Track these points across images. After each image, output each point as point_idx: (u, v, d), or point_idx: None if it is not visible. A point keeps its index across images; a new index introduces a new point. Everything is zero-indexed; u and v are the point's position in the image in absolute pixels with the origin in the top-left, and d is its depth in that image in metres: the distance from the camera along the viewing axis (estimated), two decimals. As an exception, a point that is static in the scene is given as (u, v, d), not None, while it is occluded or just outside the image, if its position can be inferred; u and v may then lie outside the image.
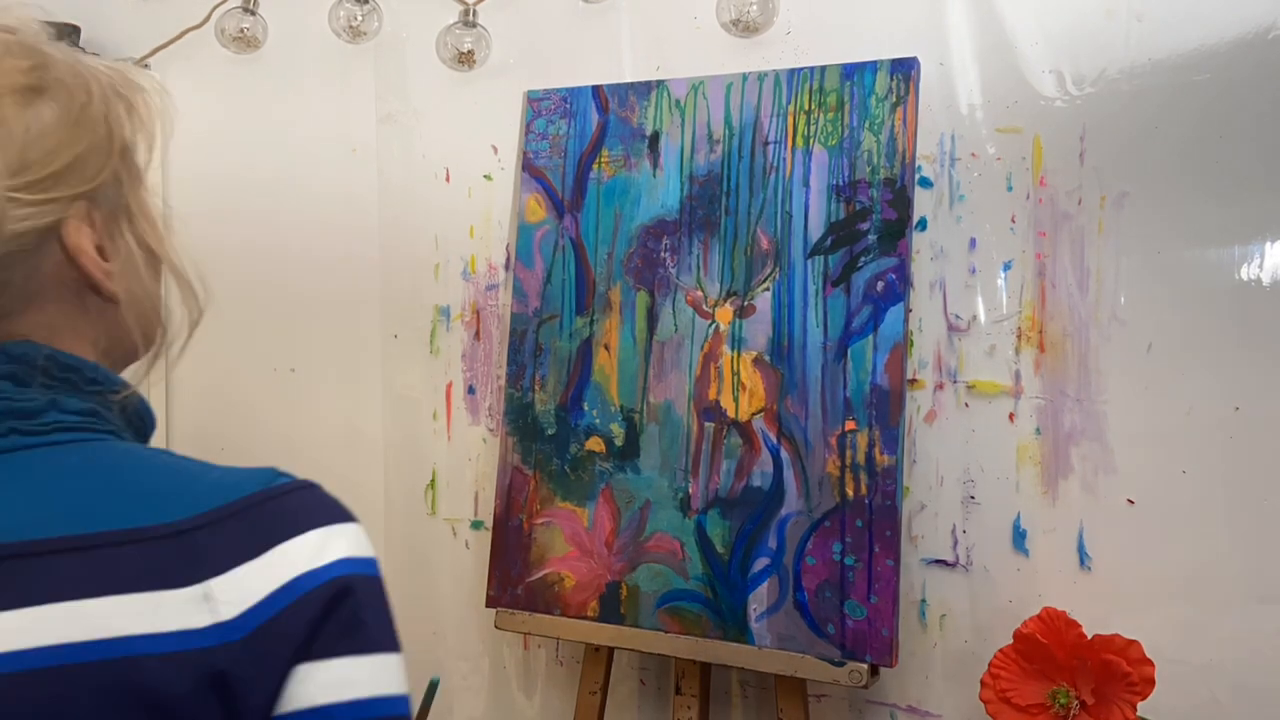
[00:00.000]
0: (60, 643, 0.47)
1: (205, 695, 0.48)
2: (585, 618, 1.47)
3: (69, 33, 1.77)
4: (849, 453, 1.34)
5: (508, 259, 1.67)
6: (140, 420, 0.61)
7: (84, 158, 0.56)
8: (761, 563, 1.38)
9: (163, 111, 0.64)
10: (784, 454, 1.38)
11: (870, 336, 1.35)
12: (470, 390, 1.70)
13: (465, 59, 1.65)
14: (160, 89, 0.64)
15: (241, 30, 1.73)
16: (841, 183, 1.39)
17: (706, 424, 1.43)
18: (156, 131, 0.63)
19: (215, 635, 0.48)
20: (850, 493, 1.34)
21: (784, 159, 1.43)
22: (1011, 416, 1.38)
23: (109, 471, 0.53)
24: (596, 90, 1.57)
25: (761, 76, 1.46)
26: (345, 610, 0.51)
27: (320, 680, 0.50)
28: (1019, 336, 1.38)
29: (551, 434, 1.53)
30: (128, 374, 0.62)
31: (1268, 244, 1.26)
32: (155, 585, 0.48)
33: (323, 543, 0.52)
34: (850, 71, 1.40)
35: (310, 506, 0.54)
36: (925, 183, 1.42)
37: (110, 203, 0.59)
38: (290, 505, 0.53)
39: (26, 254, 0.54)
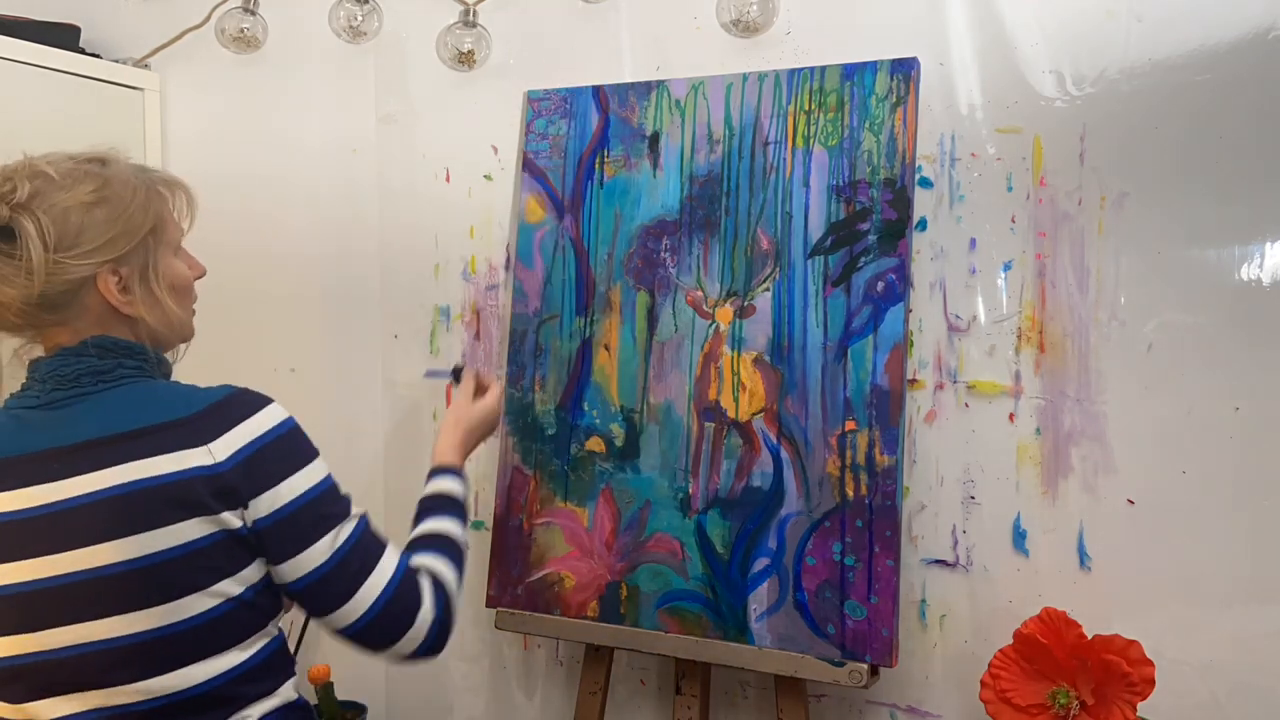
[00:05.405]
0: (127, 480, 0.91)
1: (216, 498, 0.92)
2: (585, 618, 1.47)
3: (70, 33, 1.77)
4: (849, 453, 1.34)
5: (508, 259, 1.67)
6: (167, 370, 1.04)
7: (114, 239, 0.96)
8: (761, 563, 1.38)
9: (191, 199, 1.06)
10: (784, 454, 1.38)
11: (870, 337, 1.35)
12: (470, 390, 1.70)
13: (465, 59, 1.65)
14: (188, 186, 1.06)
15: (241, 30, 1.73)
16: (841, 183, 1.39)
17: (706, 424, 1.43)
18: (186, 211, 1.06)
19: (218, 468, 0.92)
20: (850, 493, 1.34)
21: (784, 159, 1.43)
22: (1011, 416, 1.38)
23: (148, 394, 0.97)
24: (596, 90, 1.57)
25: (762, 77, 1.45)
26: (287, 444, 0.98)
27: (282, 489, 0.95)
28: (1019, 336, 1.38)
29: (551, 434, 1.53)
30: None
31: (1268, 244, 1.26)
32: (181, 448, 0.92)
33: (273, 412, 0.98)
34: (850, 72, 1.40)
35: (255, 397, 0.98)
36: (925, 183, 1.42)
37: (137, 261, 0.99)
38: (248, 398, 0.98)
39: (75, 291, 0.96)
